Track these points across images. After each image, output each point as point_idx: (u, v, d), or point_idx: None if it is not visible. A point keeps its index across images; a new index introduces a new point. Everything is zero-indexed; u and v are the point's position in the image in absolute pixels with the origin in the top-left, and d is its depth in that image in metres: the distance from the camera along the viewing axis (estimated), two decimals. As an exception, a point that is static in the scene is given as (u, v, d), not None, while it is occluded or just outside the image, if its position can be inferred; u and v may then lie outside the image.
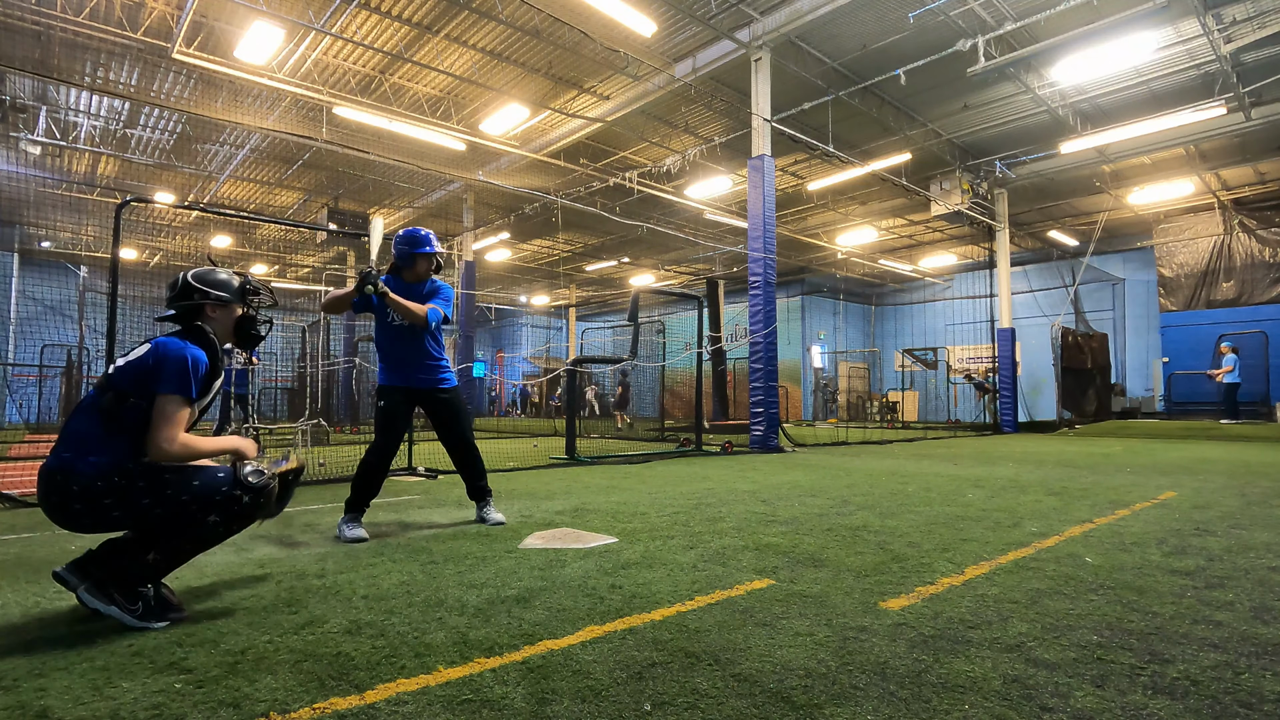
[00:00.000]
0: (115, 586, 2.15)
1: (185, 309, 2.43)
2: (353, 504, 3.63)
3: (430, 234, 3.89)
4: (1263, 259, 17.04)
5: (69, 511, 2.12)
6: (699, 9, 9.97)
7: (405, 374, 3.80)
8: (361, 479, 3.66)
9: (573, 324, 30.96)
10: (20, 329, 18.25)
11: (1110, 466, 7.30)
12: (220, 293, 2.48)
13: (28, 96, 12.25)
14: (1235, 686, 1.72)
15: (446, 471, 6.72)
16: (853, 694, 1.68)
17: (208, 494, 2.22)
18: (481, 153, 14.99)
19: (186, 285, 2.45)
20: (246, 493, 2.26)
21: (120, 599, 2.14)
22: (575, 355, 19.39)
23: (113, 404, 2.19)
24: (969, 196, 15.13)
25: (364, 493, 3.65)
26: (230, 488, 2.24)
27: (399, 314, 3.62)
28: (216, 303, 2.47)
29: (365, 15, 10.11)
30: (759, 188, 10.32)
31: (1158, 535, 3.58)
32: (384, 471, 3.74)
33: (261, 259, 23.16)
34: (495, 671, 1.81)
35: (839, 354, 27.01)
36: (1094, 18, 9.37)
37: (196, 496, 2.21)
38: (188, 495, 2.20)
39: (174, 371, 2.23)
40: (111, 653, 1.94)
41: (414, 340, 3.78)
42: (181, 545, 2.25)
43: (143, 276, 15.19)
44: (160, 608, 2.18)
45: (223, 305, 2.49)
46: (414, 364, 3.80)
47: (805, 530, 3.72)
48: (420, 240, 3.83)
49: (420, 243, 3.82)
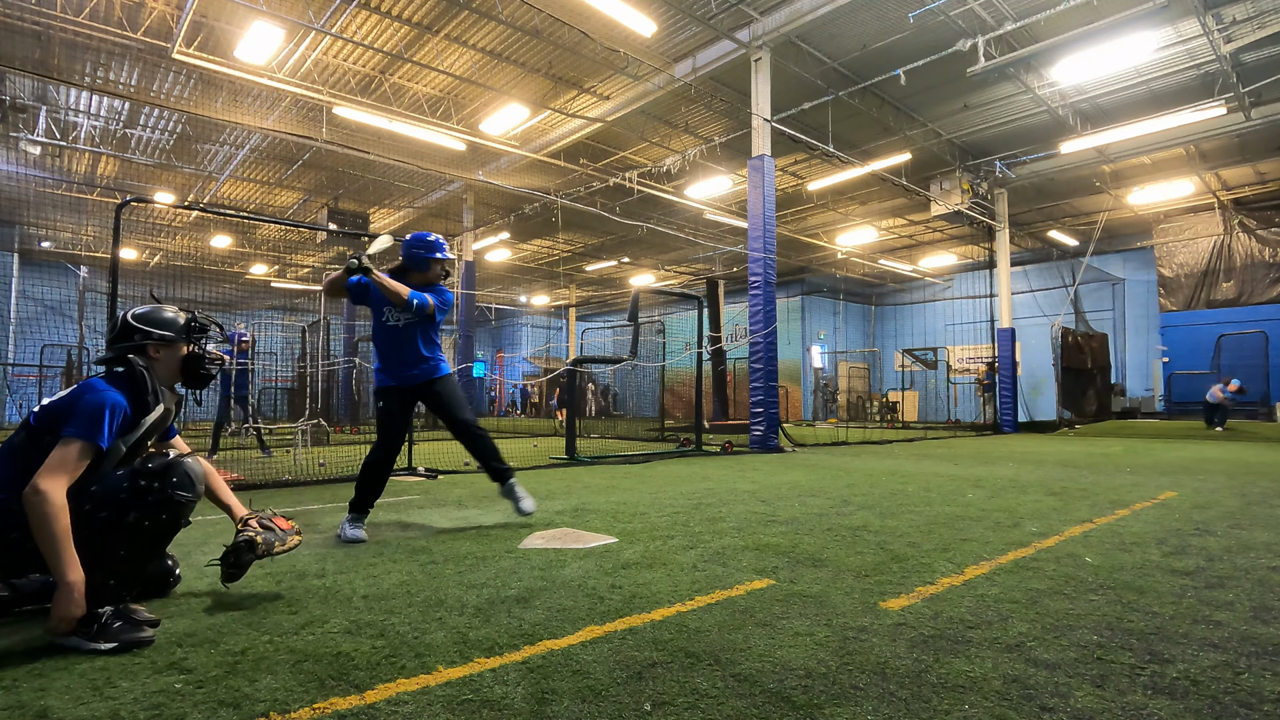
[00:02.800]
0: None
1: (125, 350, 2.31)
2: (356, 504, 3.64)
3: (442, 239, 3.96)
4: (1263, 259, 17.05)
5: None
6: (699, 9, 9.97)
7: (398, 373, 3.82)
8: (364, 479, 3.69)
9: (573, 324, 30.96)
10: (20, 329, 18.25)
11: (1110, 466, 7.30)
12: (164, 331, 2.36)
13: (28, 96, 12.24)
14: (1235, 686, 1.72)
15: (446, 471, 6.72)
16: (853, 694, 1.68)
17: (110, 494, 2.09)
18: (481, 153, 14.99)
19: (126, 325, 2.35)
20: (152, 479, 2.11)
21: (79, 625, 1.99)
22: (575, 355, 19.40)
23: (24, 443, 2.11)
24: (969, 196, 15.13)
25: (367, 492, 3.67)
26: (132, 481, 2.10)
27: (383, 292, 3.61)
28: (160, 342, 2.35)
29: (365, 15, 10.11)
30: (759, 188, 10.32)
31: (1158, 535, 3.58)
32: (387, 471, 3.76)
33: (261, 259, 23.15)
34: (495, 671, 1.81)
35: (839, 354, 27.02)
36: (1094, 18, 9.37)
37: (103, 501, 2.07)
38: (89, 504, 2.06)
39: (86, 415, 2.10)
40: (110, 654, 1.95)
41: (408, 339, 3.80)
42: (116, 555, 2.09)
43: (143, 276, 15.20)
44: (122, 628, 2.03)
45: (167, 344, 2.37)
46: (407, 362, 3.82)
47: (805, 530, 3.72)
48: (434, 245, 3.90)
49: (434, 247, 3.89)
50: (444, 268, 3.95)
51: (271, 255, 23.21)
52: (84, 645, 1.97)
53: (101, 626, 2.00)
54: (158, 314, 2.40)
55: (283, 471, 6.75)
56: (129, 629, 2.03)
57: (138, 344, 2.33)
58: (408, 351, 3.81)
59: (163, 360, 2.37)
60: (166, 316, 2.40)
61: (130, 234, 19.30)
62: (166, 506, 2.14)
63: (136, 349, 2.33)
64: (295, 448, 8.68)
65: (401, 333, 3.78)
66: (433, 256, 3.87)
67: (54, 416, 2.13)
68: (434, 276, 3.91)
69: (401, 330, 3.77)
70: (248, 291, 22.71)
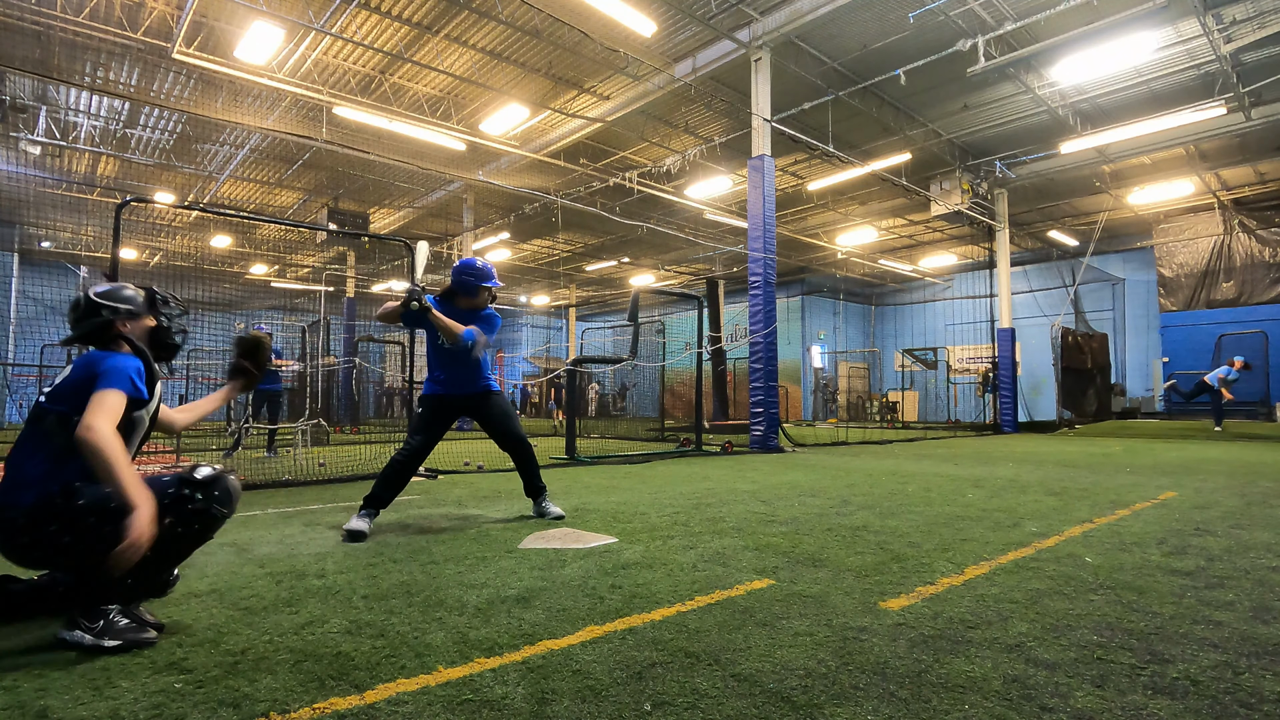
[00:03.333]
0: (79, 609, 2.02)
1: (94, 328, 2.32)
2: (372, 500, 3.69)
3: (491, 267, 4.07)
4: (1263, 259, 17.05)
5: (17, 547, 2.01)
6: (699, 9, 9.97)
7: (451, 387, 3.97)
8: (388, 474, 3.76)
9: (573, 324, 30.95)
10: (20, 329, 18.25)
11: (1110, 466, 7.30)
12: (129, 306, 2.39)
13: (28, 96, 12.24)
14: (1235, 686, 1.72)
15: (446, 471, 6.72)
16: (853, 694, 1.68)
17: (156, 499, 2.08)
18: (481, 153, 14.99)
19: (91, 303, 2.34)
20: (196, 488, 2.13)
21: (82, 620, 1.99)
22: (575, 355, 19.39)
23: (56, 426, 2.10)
24: (969, 196, 15.14)
25: (386, 487, 3.74)
26: (177, 488, 2.12)
27: (440, 331, 3.74)
28: (127, 317, 2.38)
29: (365, 15, 10.11)
30: (759, 188, 10.32)
31: (1158, 535, 3.58)
32: (412, 471, 3.85)
33: (261, 259, 23.16)
34: (495, 671, 1.81)
35: (839, 354, 27.02)
36: (1094, 18, 9.37)
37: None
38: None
39: (115, 372, 2.14)
40: (111, 653, 1.95)
41: (463, 359, 3.91)
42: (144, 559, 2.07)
43: (143, 276, 15.20)
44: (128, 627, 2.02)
45: (133, 319, 2.39)
46: (461, 380, 3.97)
47: (805, 530, 3.72)
48: (484, 274, 4.00)
49: (484, 276, 4.00)
50: (492, 294, 4.04)
51: (271, 255, 23.21)
52: (86, 640, 1.96)
53: (108, 623, 2.00)
54: (119, 291, 2.42)
55: (283, 471, 6.76)
56: (134, 629, 2.03)
57: (105, 319, 2.34)
58: (462, 370, 3.95)
59: (131, 334, 2.39)
60: (128, 292, 2.43)
61: (130, 234, 19.30)
62: (201, 517, 2.17)
63: (104, 325, 2.34)
64: (295, 448, 8.67)
65: (458, 354, 3.89)
66: (482, 285, 3.97)
67: (76, 391, 2.13)
68: (480, 303, 4.00)
69: (460, 354, 3.89)
70: (248, 291, 22.72)
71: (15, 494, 2.02)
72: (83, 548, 2.01)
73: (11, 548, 2.03)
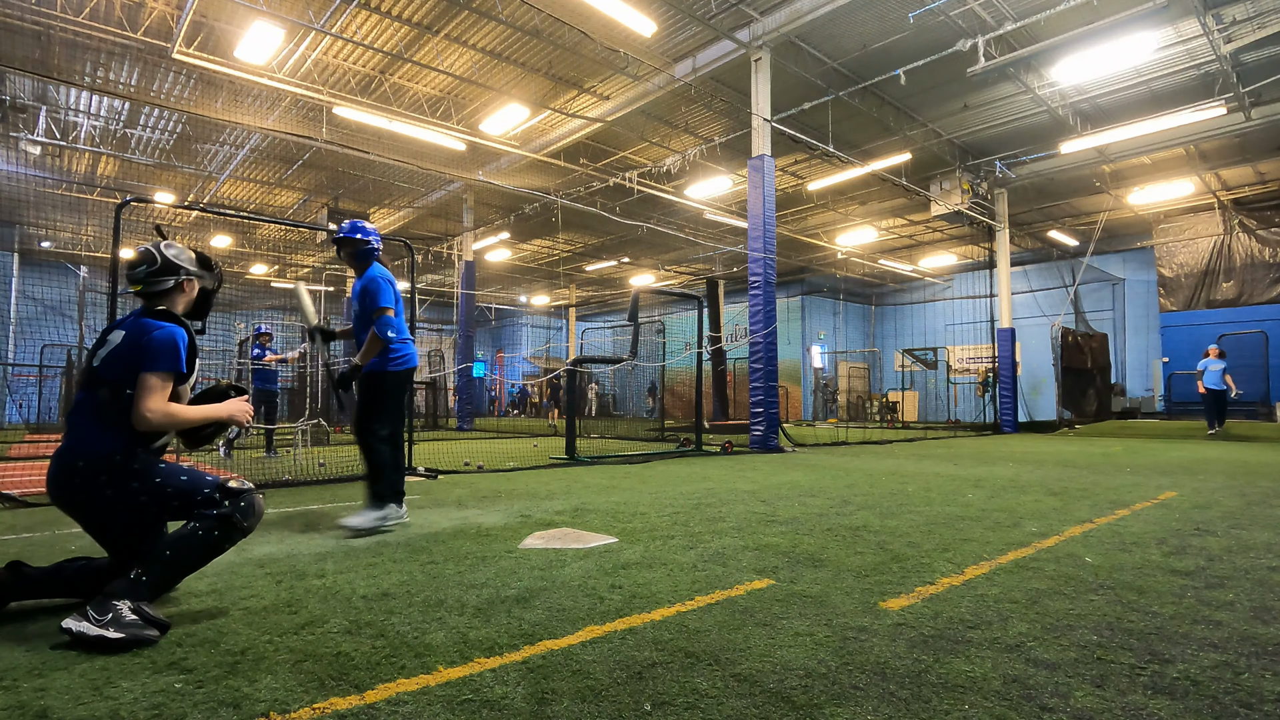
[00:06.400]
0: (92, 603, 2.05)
1: (163, 287, 2.43)
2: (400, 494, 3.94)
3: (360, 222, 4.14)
4: (1263, 259, 17.04)
5: (70, 488, 2.18)
6: (699, 9, 9.97)
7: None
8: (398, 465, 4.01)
9: (573, 324, 30.96)
10: (20, 329, 18.24)
11: (1110, 466, 7.30)
12: (194, 268, 2.52)
13: (28, 96, 12.24)
14: (1235, 686, 1.72)
15: (446, 471, 6.73)
16: (853, 694, 1.68)
17: (191, 490, 2.25)
18: (481, 153, 14.98)
19: (169, 263, 2.44)
20: (225, 495, 2.26)
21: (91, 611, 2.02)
22: (575, 355, 19.38)
23: (109, 398, 2.24)
24: (969, 196, 15.13)
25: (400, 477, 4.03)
26: (212, 490, 2.26)
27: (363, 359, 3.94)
28: (193, 278, 2.51)
29: (365, 15, 10.11)
30: (759, 188, 10.32)
31: (1158, 535, 3.58)
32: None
33: (261, 259, 23.16)
34: (495, 671, 1.81)
35: (839, 354, 27.01)
36: (1094, 18, 9.37)
37: (180, 491, 2.24)
38: (172, 488, 2.24)
39: (163, 352, 2.27)
40: (115, 645, 1.95)
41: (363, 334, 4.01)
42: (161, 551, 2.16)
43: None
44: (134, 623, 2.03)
45: (192, 281, 2.52)
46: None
47: (805, 530, 3.72)
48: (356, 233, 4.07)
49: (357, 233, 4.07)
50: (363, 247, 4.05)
51: (271, 255, 23.21)
52: (90, 631, 1.98)
53: (116, 615, 2.03)
54: (184, 253, 2.53)
55: (283, 471, 6.75)
56: (140, 625, 2.04)
57: (179, 280, 2.46)
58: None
59: (187, 296, 2.52)
60: (189, 255, 2.55)
61: (130, 234, 19.22)
62: (223, 524, 2.25)
63: (174, 286, 2.45)
64: (295, 448, 8.67)
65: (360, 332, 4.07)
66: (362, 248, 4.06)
67: (128, 366, 2.26)
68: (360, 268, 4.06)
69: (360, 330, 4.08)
70: (248, 291, 22.72)
71: (77, 451, 2.19)
72: (128, 505, 2.21)
73: (69, 501, 2.21)
